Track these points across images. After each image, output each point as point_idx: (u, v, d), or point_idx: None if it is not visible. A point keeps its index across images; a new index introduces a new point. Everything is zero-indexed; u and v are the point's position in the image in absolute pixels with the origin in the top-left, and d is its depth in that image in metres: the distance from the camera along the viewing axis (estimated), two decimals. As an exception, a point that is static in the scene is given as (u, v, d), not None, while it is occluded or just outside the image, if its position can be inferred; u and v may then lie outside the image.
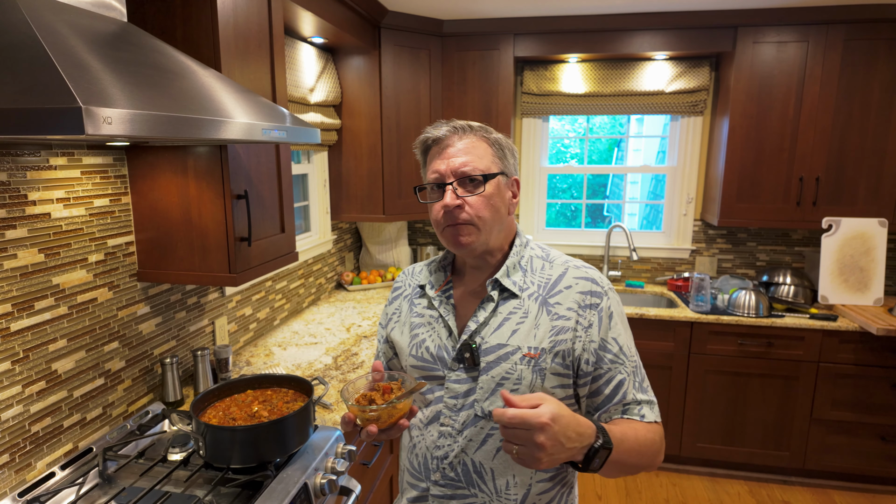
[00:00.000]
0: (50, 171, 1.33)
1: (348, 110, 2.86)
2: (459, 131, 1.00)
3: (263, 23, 1.67)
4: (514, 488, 0.99)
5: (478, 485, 0.99)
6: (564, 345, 0.96)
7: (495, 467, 0.99)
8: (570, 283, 1.00)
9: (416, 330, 1.08)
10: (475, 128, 1.01)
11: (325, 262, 3.01)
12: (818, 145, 2.74)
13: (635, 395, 0.97)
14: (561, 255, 1.06)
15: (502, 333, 0.99)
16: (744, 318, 2.70)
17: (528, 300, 1.00)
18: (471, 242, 0.98)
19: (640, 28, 2.83)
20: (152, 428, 1.55)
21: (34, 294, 1.30)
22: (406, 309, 1.13)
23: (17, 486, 1.25)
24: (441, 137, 1.00)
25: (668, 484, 2.85)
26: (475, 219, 0.97)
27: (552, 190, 3.65)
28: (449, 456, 1.00)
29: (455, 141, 0.99)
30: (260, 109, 1.24)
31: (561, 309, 0.98)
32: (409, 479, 1.08)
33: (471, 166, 0.97)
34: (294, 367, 2.01)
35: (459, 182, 0.97)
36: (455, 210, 0.96)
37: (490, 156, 0.99)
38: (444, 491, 1.02)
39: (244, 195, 1.54)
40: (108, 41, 0.99)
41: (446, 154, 0.98)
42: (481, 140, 1.00)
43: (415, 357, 1.06)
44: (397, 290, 1.18)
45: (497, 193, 0.99)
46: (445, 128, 1.00)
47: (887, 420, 2.66)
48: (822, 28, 2.65)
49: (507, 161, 1.03)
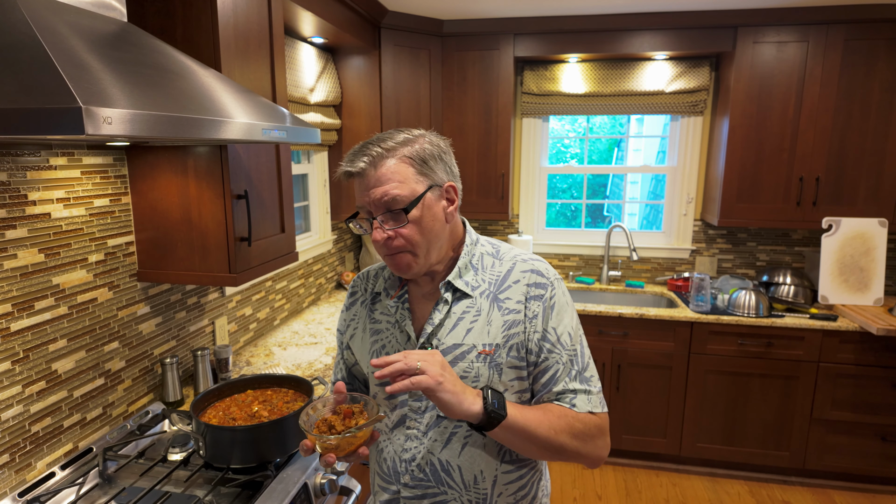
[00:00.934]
0: (50, 171, 1.33)
1: (348, 110, 2.86)
2: (376, 160, 0.94)
3: (263, 23, 1.67)
4: (483, 482, 1.01)
5: (447, 483, 1.01)
6: (517, 337, 0.98)
7: (462, 464, 1.00)
8: (518, 276, 1.01)
9: (376, 336, 1.08)
10: (393, 148, 0.95)
11: (325, 262, 3.01)
12: (818, 145, 2.74)
13: (567, 384, 0.98)
14: (511, 250, 1.07)
15: (457, 333, 1.00)
16: (744, 318, 2.70)
17: (480, 298, 1.01)
18: (411, 268, 0.98)
19: (640, 28, 2.83)
20: (152, 428, 1.55)
21: (34, 294, 1.30)
22: (364, 315, 1.12)
23: (18, 486, 1.25)
24: (358, 172, 0.95)
25: (669, 484, 2.85)
26: (409, 245, 0.96)
27: (552, 190, 3.65)
28: (416, 458, 1.02)
29: (372, 172, 0.94)
30: (260, 109, 1.24)
31: (511, 303, 1.00)
32: (380, 482, 1.08)
33: (391, 196, 0.93)
34: (294, 367, 2.01)
35: (384, 216, 0.95)
36: (387, 242, 0.96)
37: (412, 176, 0.95)
38: (414, 492, 1.03)
39: (244, 195, 1.54)
40: (109, 41, 0.99)
41: (365, 186, 0.95)
42: (400, 162, 0.94)
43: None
44: (354, 296, 1.16)
45: (427, 214, 0.96)
46: (361, 162, 0.94)
47: (887, 420, 2.66)
48: (822, 28, 2.65)
49: (435, 171, 0.97)
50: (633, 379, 2.88)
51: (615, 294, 3.30)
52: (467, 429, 0.99)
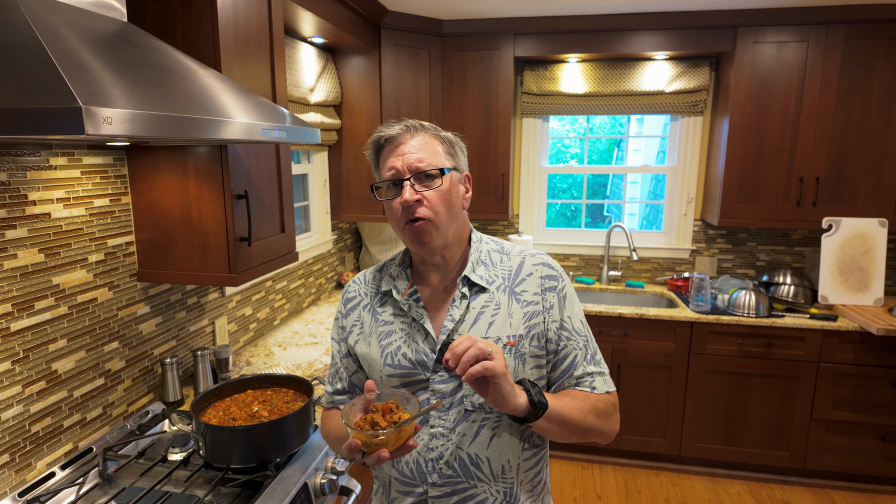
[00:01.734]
0: (50, 171, 1.33)
1: (348, 110, 2.86)
2: (412, 129, 1.02)
3: (263, 23, 1.67)
4: (510, 471, 1.03)
5: (476, 476, 1.01)
6: (538, 328, 1.02)
7: (490, 455, 1.01)
8: (531, 269, 1.06)
9: (387, 339, 1.06)
10: (426, 126, 1.04)
11: (325, 262, 3.01)
12: (818, 145, 2.74)
13: (586, 367, 1.04)
14: (514, 246, 1.11)
15: (480, 327, 1.01)
16: (744, 318, 2.70)
17: (497, 292, 1.04)
18: (431, 240, 1.01)
19: (640, 28, 2.83)
20: (152, 428, 1.55)
21: (34, 294, 1.30)
22: (369, 319, 1.10)
23: (18, 486, 1.25)
24: (394, 136, 1.02)
25: (669, 484, 2.85)
26: (433, 216, 0.99)
27: (552, 190, 3.65)
28: (444, 455, 1.01)
29: (408, 139, 1.01)
30: (260, 109, 1.24)
31: (528, 295, 1.04)
32: (400, 487, 1.06)
33: (426, 162, 0.99)
34: (294, 366, 2.01)
35: (416, 178, 1.00)
36: (414, 205, 0.98)
37: (442, 153, 1.03)
38: (442, 490, 1.02)
39: (244, 195, 1.54)
40: (109, 41, 0.99)
41: (400, 151, 1.01)
42: (433, 138, 1.03)
43: (391, 366, 1.04)
44: (352, 301, 1.14)
45: (452, 188, 1.02)
46: (398, 126, 1.03)
47: (887, 420, 2.66)
48: (822, 28, 2.65)
49: (458, 158, 1.06)
50: (633, 379, 2.88)
51: (615, 294, 3.30)
52: (495, 419, 1.01)
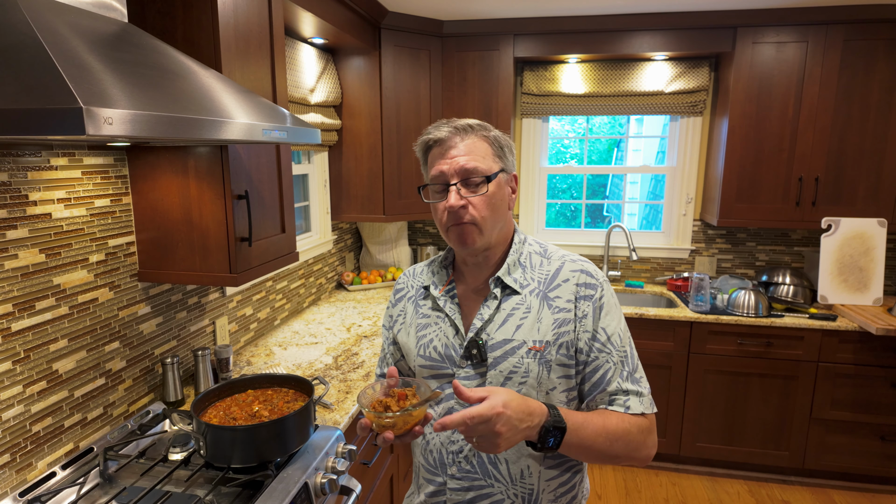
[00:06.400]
0: (51, 171, 1.33)
1: (348, 111, 2.86)
2: (461, 132, 1.01)
3: (264, 23, 1.67)
4: (530, 476, 1.02)
5: (493, 475, 1.02)
6: (567, 336, 1.00)
7: (509, 457, 1.01)
8: (568, 276, 1.03)
9: (423, 331, 1.10)
10: (475, 127, 1.02)
11: (325, 262, 3.01)
12: (817, 145, 2.75)
13: (620, 384, 0.98)
14: (558, 250, 1.09)
15: (507, 329, 1.01)
16: (743, 317, 2.70)
17: (530, 296, 1.03)
18: (474, 242, 1.01)
19: (639, 28, 2.83)
20: (153, 428, 1.55)
21: (35, 294, 1.30)
22: (411, 310, 1.15)
23: (18, 486, 1.25)
24: (443, 138, 1.01)
25: (668, 483, 2.85)
26: (478, 219, 0.99)
27: (552, 190, 3.66)
28: (464, 450, 1.03)
29: (457, 142, 1.00)
30: (260, 110, 1.24)
31: (561, 302, 1.01)
32: (426, 474, 1.10)
33: (473, 166, 0.98)
34: (294, 366, 2.02)
35: (462, 182, 0.99)
36: (460, 210, 0.99)
37: (491, 155, 1.01)
38: (461, 483, 1.04)
39: (245, 195, 1.54)
40: (109, 42, 0.99)
41: (449, 155, 1.00)
42: (482, 139, 1.01)
43: (423, 357, 1.09)
44: (400, 292, 1.19)
45: (498, 192, 1.01)
46: (447, 128, 1.01)
47: (887, 420, 2.67)
48: (822, 28, 2.66)
49: (506, 158, 1.05)
50: (632, 379, 2.87)
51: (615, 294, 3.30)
52: None
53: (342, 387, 1.84)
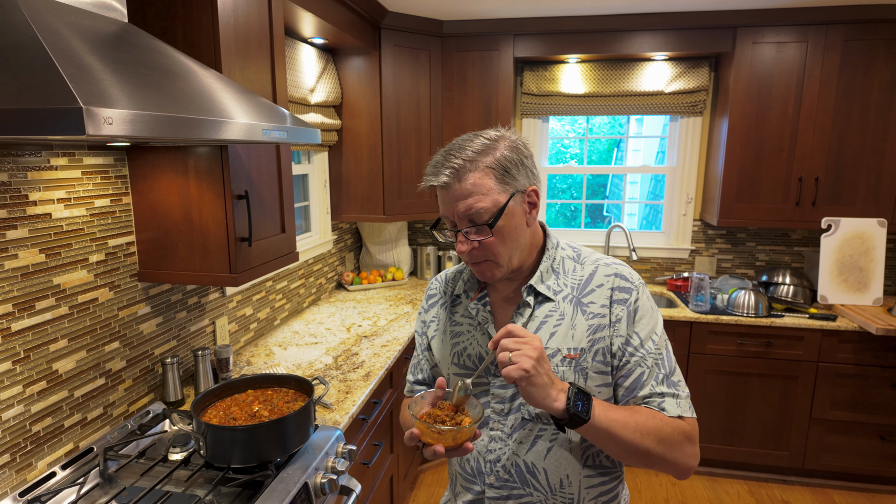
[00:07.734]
0: (51, 171, 1.33)
1: (348, 111, 2.86)
2: (459, 173, 0.94)
3: (264, 23, 1.67)
4: (570, 486, 1.00)
5: (532, 484, 1.01)
6: (602, 342, 0.97)
7: (548, 467, 1.00)
8: (601, 280, 1.01)
9: (457, 338, 1.10)
10: (475, 159, 0.94)
11: (325, 262, 3.01)
12: (817, 145, 2.75)
13: (654, 387, 0.95)
14: (592, 254, 1.07)
15: (541, 337, 0.99)
16: (743, 317, 2.70)
17: (563, 303, 1.01)
18: (494, 276, 1.00)
19: (639, 28, 2.83)
20: (153, 428, 1.55)
21: (35, 294, 1.30)
22: (444, 317, 1.14)
23: (18, 486, 1.25)
24: (442, 186, 0.96)
25: (668, 483, 2.85)
26: (492, 256, 0.97)
27: (552, 190, 3.66)
28: (501, 459, 1.02)
29: (456, 185, 0.94)
30: (260, 110, 1.24)
31: (594, 307, 0.99)
32: (463, 482, 1.09)
33: (476, 209, 0.93)
34: (294, 366, 2.02)
35: (470, 223, 0.95)
36: (472, 252, 0.97)
37: (495, 187, 0.94)
38: (499, 493, 1.03)
39: (245, 195, 1.54)
40: (109, 42, 0.99)
41: (450, 199, 0.95)
42: (483, 173, 0.94)
43: (457, 365, 1.08)
44: (433, 298, 1.18)
45: (509, 224, 0.96)
46: (444, 175, 0.94)
47: (887, 420, 2.67)
48: (822, 28, 2.66)
49: (516, 178, 0.96)
50: (632, 379, 2.88)
51: (615, 294, 3.30)
52: (552, 432, 0.99)
53: (342, 387, 1.84)
